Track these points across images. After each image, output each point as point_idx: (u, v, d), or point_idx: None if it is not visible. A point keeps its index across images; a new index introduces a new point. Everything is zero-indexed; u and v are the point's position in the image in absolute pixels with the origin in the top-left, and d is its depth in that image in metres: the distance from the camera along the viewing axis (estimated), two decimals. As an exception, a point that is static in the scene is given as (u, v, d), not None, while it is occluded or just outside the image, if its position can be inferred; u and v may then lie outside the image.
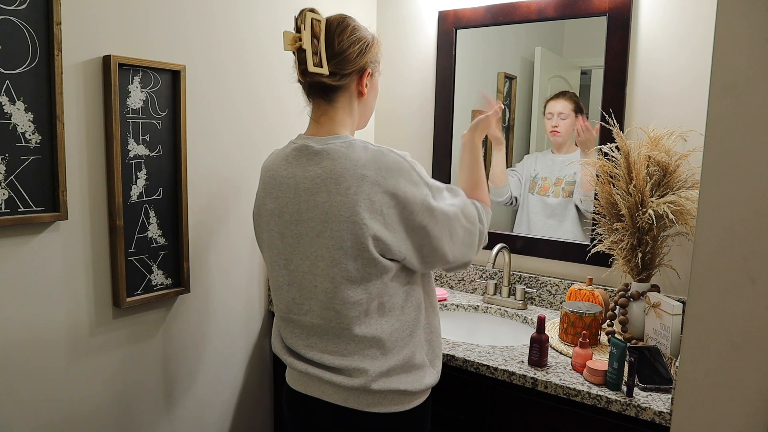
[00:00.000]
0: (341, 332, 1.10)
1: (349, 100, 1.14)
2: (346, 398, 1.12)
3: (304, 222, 1.08)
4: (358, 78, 1.13)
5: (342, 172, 1.03)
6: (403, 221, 1.05)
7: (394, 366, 1.11)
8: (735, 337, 0.87)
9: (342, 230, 1.03)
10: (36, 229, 1.25)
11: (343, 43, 1.08)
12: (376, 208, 1.02)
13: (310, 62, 1.05)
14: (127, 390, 1.47)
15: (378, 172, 1.02)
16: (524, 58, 1.96)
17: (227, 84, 1.64)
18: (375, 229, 1.02)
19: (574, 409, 1.29)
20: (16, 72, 1.17)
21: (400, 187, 1.03)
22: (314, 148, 1.08)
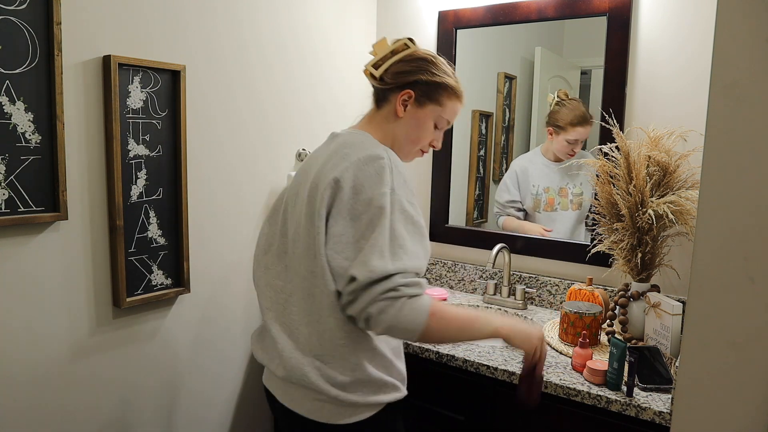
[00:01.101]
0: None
1: (389, 114, 1.19)
2: (291, 400, 1.13)
3: (299, 194, 1.14)
4: (397, 93, 1.17)
5: (333, 149, 1.12)
6: (348, 206, 1.03)
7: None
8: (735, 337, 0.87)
9: (312, 199, 1.08)
10: (36, 229, 1.25)
11: (403, 62, 1.17)
12: (334, 184, 1.04)
13: (370, 62, 1.19)
14: (127, 390, 1.47)
15: (356, 154, 1.07)
16: (524, 58, 1.96)
17: (227, 84, 1.64)
18: (328, 205, 1.05)
19: (574, 409, 1.29)
20: (16, 72, 1.17)
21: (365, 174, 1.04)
22: (335, 132, 1.22)
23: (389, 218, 1.01)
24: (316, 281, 1.06)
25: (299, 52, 1.86)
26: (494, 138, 2.04)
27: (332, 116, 2.03)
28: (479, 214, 2.09)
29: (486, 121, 2.04)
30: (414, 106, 1.17)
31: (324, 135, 1.98)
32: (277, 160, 1.83)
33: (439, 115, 1.20)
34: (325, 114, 2.00)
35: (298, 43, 1.85)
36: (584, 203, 1.84)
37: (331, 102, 2.02)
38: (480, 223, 2.09)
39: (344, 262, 1.02)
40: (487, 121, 2.04)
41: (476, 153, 2.07)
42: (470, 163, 2.08)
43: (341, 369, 1.07)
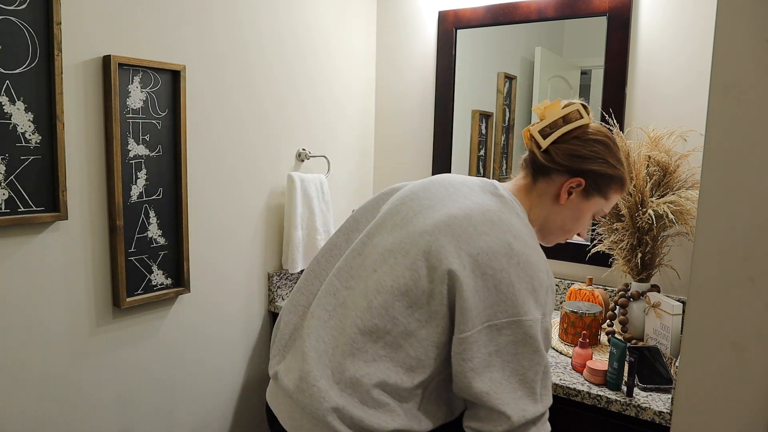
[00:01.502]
0: None
1: (547, 193, 1.03)
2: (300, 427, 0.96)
3: (419, 218, 0.98)
4: (565, 178, 1.01)
5: (487, 213, 0.95)
6: (485, 306, 0.88)
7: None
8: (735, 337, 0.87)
9: (442, 254, 0.91)
10: (36, 229, 1.25)
11: (577, 139, 1.01)
12: (473, 263, 0.90)
13: (539, 126, 1.02)
14: (127, 390, 1.47)
15: (512, 242, 0.91)
16: (524, 58, 1.96)
17: (227, 84, 1.64)
18: (464, 279, 0.89)
19: (574, 409, 1.29)
20: (16, 72, 1.17)
21: (514, 280, 0.89)
22: (499, 191, 1.02)
23: (543, 352, 0.89)
24: (396, 333, 0.92)
25: (299, 52, 1.86)
26: (494, 138, 2.04)
27: (332, 116, 2.03)
28: (479, 214, 2.09)
29: (486, 121, 2.04)
30: (579, 195, 1.03)
31: (324, 134, 1.99)
32: (277, 160, 1.83)
33: (601, 207, 1.07)
34: (325, 114, 2.00)
35: (298, 43, 1.85)
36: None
37: (331, 102, 2.02)
38: (480, 223, 2.09)
39: (465, 365, 0.88)
40: (487, 121, 2.04)
41: (476, 153, 2.07)
42: (470, 163, 2.08)
43: (383, 417, 0.91)
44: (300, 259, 1.82)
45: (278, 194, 1.85)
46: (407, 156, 2.17)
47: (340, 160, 2.09)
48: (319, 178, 1.88)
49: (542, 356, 0.90)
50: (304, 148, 1.92)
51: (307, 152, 1.92)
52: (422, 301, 0.91)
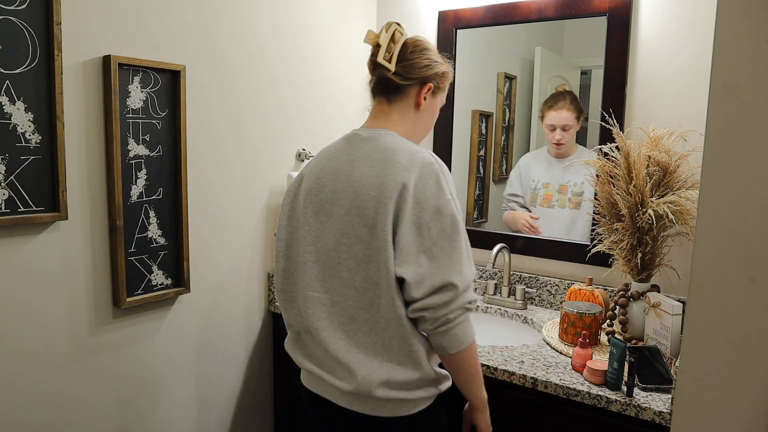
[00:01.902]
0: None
1: (407, 107, 1.19)
2: (351, 402, 1.12)
3: (337, 201, 1.12)
4: (419, 88, 1.18)
5: (376, 156, 1.10)
6: (413, 216, 1.06)
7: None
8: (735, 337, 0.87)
9: (368, 209, 1.07)
10: (36, 229, 1.25)
11: (414, 53, 1.17)
12: (398, 193, 1.05)
13: (381, 55, 1.15)
14: (127, 390, 1.47)
15: (411, 163, 1.07)
16: (524, 58, 1.96)
17: (227, 84, 1.64)
18: (393, 214, 1.05)
19: (574, 409, 1.29)
20: (16, 72, 1.17)
21: (424, 182, 1.06)
22: (362, 135, 1.16)
23: (462, 226, 1.08)
24: (380, 292, 1.08)
25: (299, 52, 1.86)
26: (494, 138, 2.04)
27: (332, 116, 2.03)
28: (479, 214, 2.09)
29: (486, 121, 2.04)
30: (430, 97, 1.21)
31: (324, 134, 1.99)
32: (277, 160, 1.83)
33: (442, 99, 1.26)
34: (325, 114, 2.00)
35: (298, 42, 1.85)
36: (583, 204, 1.83)
37: (331, 102, 2.02)
38: (480, 223, 2.09)
39: (418, 270, 1.04)
40: (487, 121, 2.04)
41: (476, 153, 2.06)
42: (470, 163, 2.08)
43: (410, 372, 1.10)
44: (300, 259, 1.82)
45: (278, 194, 1.85)
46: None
47: (340, 160, 2.09)
48: (319, 178, 1.87)
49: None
50: (304, 148, 1.92)
51: (307, 152, 1.92)
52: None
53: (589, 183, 1.75)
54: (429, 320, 1.06)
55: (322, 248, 1.14)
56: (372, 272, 1.08)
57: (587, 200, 1.80)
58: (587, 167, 1.72)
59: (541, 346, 1.53)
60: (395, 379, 1.09)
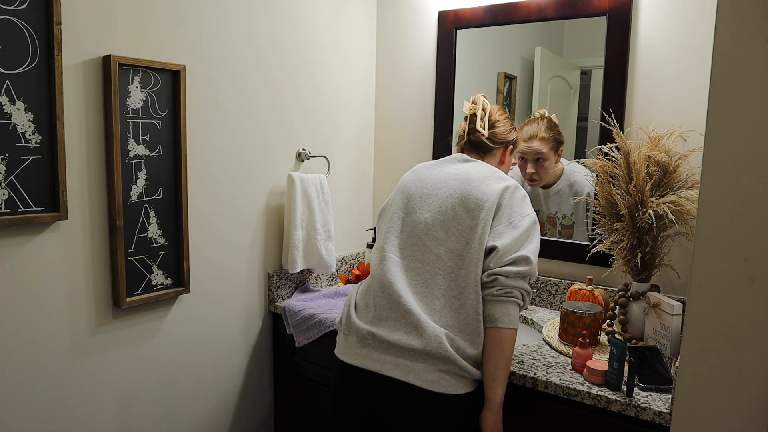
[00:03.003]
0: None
1: (493, 162, 1.46)
2: (407, 374, 1.20)
3: (440, 188, 1.34)
4: (504, 149, 1.48)
5: (483, 170, 1.35)
6: (507, 215, 1.28)
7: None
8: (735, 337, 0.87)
9: (472, 196, 1.30)
10: (36, 229, 1.25)
11: (499, 123, 1.47)
12: (497, 198, 1.28)
13: (479, 124, 1.44)
14: (127, 390, 1.47)
15: (506, 180, 1.34)
16: (524, 58, 1.96)
17: (227, 84, 1.64)
18: (494, 210, 1.28)
19: (574, 409, 1.29)
20: (16, 72, 1.17)
21: (513, 197, 1.32)
22: (467, 158, 1.43)
23: (537, 232, 1.30)
24: (464, 263, 1.24)
25: (299, 52, 1.86)
26: (494, 138, 2.04)
27: (332, 116, 2.03)
28: (479, 214, 2.09)
29: (486, 121, 2.04)
30: (509, 155, 1.50)
31: (324, 134, 2.00)
32: (277, 160, 1.83)
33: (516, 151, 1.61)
34: (325, 114, 2.00)
35: (299, 43, 1.85)
36: (574, 235, 1.80)
37: (331, 102, 2.02)
38: (480, 223, 2.09)
39: (508, 244, 1.23)
40: (487, 121, 2.04)
41: (476, 153, 2.06)
42: (470, 163, 2.08)
43: (470, 342, 1.21)
44: (300, 259, 1.82)
45: (278, 194, 1.85)
46: (407, 156, 2.17)
47: (340, 160, 2.09)
48: (319, 178, 1.88)
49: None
50: (304, 148, 1.92)
51: (307, 152, 1.92)
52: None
53: (581, 208, 1.73)
54: (498, 284, 1.21)
55: (411, 221, 1.33)
56: (460, 245, 1.26)
57: (581, 231, 1.75)
58: (576, 195, 1.69)
59: (541, 346, 1.53)
60: (457, 344, 1.20)
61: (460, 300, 1.23)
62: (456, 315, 1.22)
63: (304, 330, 1.73)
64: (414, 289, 1.26)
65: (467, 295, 1.22)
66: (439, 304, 1.23)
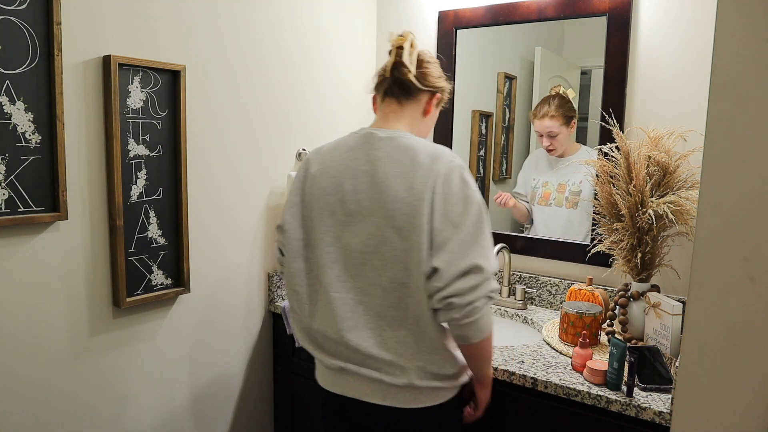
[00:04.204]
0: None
1: (416, 112, 1.23)
2: (385, 396, 1.15)
3: (361, 201, 1.13)
4: (430, 96, 1.23)
5: (399, 157, 1.11)
6: (445, 211, 1.08)
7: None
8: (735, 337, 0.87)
9: (396, 210, 1.09)
10: (36, 229, 1.25)
11: (430, 64, 1.23)
12: (428, 195, 1.07)
13: (405, 56, 1.17)
14: (127, 390, 1.47)
15: (435, 162, 1.10)
16: (524, 58, 1.96)
17: (227, 84, 1.64)
18: (426, 215, 1.07)
19: (574, 409, 1.29)
20: (16, 72, 1.17)
21: (450, 179, 1.09)
22: (379, 134, 1.16)
23: (486, 215, 1.13)
24: (409, 292, 1.10)
25: (299, 52, 1.86)
26: (494, 138, 2.04)
27: (332, 116, 2.03)
28: (479, 214, 2.09)
29: (486, 121, 2.04)
30: (435, 107, 1.26)
31: (324, 134, 1.99)
32: (277, 160, 1.83)
33: (437, 113, 1.30)
34: (325, 113, 2.00)
35: (299, 42, 1.85)
36: (580, 203, 1.83)
37: (331, 101, 2.02)
38: (480, 223, 2.09)
39: (449, 256, 1.06)
40: (487, 121, 2.04)
41: (476, 153, 2.07)
42: (470, 163, 2.08)
43: (445, 363, 1.15)
44: (300, 259, 1.82)
45: (278, 194, 1.85)
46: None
47: (340, 160, 2.09)
48: (319, 178, 1.87)
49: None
50: (304, 148, 1.92)
51: (307, 152, 1.92)
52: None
53: (588, 182, 1.76)
54: (456, 307, 1.06)
55: (343, 249, 1.14)
56: (399, 273, 1.10)
57: (585, 200, 1.80)
58: (587, 167, 1.72)
59: (541, 346, 1.53)
60: (430, 370, 1.13)
61: (419, 327, 1.12)
62: (419, 342, 1.12)
63: (304, 330, 1.73)
64: (368, 326, 1.13)
65: (423, 324, 1.11)
66: (399, 335, 1.12)
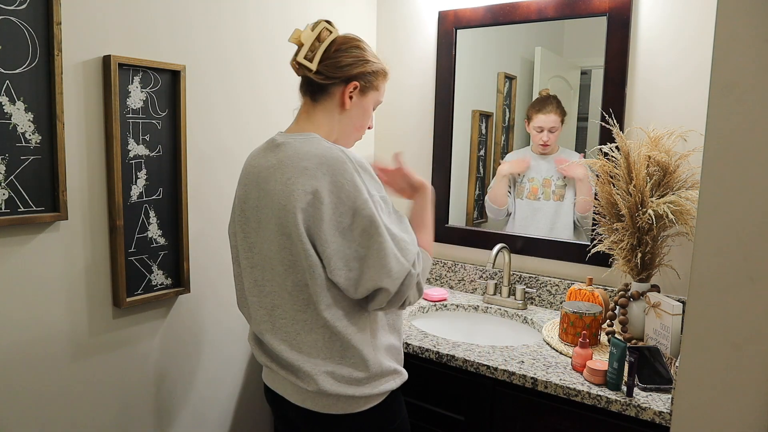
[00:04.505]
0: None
1: (332, 107, 1.17)
2: (304, 400, 1.14)
3: (261, 209, 1.11)
4: (343, 87, 1.15)
5: (287, 162, 1.07)
6: (334, 221, 1.03)
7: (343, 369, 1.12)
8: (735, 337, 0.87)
9: (282, 218, 1.06)
10: (36, 229, 1.25)
11: (339, 52, 1.15)
12: (308, 201, 1.03)
13: (301, 54, 1.13)
14: (127, 390, 1.47)
15: (319, 168, 1.03)
16: (524, 58, 1.96)
17: (227, 84, 1.64)
18: (305, 222, 1.04)
19: (574, 409, 1.29)
20: (16, 72, 1.17)
21: (338, 185, 1.03)
22: (277, 140, 1.14)
23: (382, 223, 1.04)
24: (312, 294, 1.08)
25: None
26: (494, 138, 2.04)
27: (332, 116, 2.03)
28: (479, 214, 2.09)
29: (486, 121, 2.04)
30: (358, 96, 1.18)
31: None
32: (277, 160, 1.83)
33: (377, 99, 1.23)
34: (325, 114, 2.00)
35: (298, 43, 1.85)
36: (566, 196, 1.89)
37: (331, 102, 2.02)
38: (480, 223, 2.09)
39: (351, 274, 1.05)
40: (487, 121, 2.04)
41: (476, 153, 2.07)
42: (470, 163, 2.08)
43: (354, 369, 1.11)
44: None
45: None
46: (407, 156, 2.16)
47: (340, 160, 2.09)
48: (319, 178, 1.87)
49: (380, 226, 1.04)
50: (304, 148, 1.92)
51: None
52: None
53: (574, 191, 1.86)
54: (389, 310, 1.15)
55: (257, 254, 1.14)
56: (299, 276, 1.08)
57: (571, 195, 1.88)
58: (563, 164, 1.85)
59: (541, 346, 1.53)
60: (340, 374, 1.10)
61: (329, 330, 1.09)
62: (330, 346, 1.10)
63: (303, 330, 1.73)
64: (284, 330, 1.12)
65: (332, 327, 1.09)
66: (311, 339, 1.10)
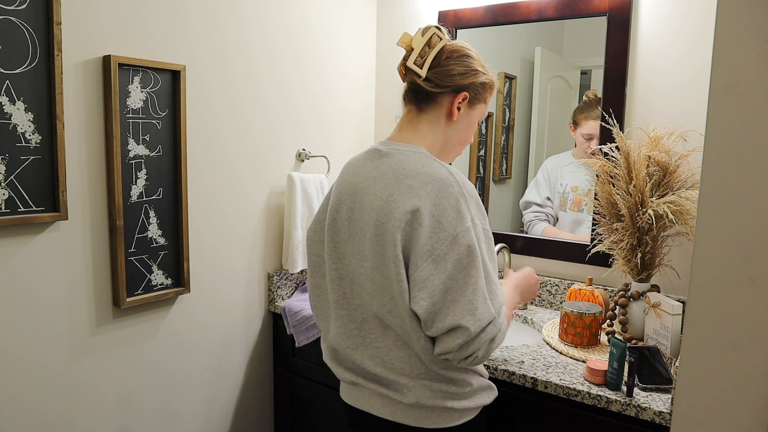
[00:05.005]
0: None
1: (437, 117, 1.11)
2: (394, 413, 1.09)
3: (354, 221, 1.07)
4: (452, 96, 1.10)
5: (390, 177, 1.02)
6: (429, 245, 0.98)
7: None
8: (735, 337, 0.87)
9: (379, 236, 1.01)
10: (36, 229, 1.25)
11: (450, 60, 1.09)
12: (407, 221, 0.98)
13: (412, 59, 1.08)
14: (127, 390, 1.47)
15: (424, 187, 0.99)
16: (524, 58, 1.96)
17: (227, 84, 1.64)
18: (403, 242, 0.99)
19: (574, 409, 1.29)
20: (16, 72, 1.17)
21: (441, 208, 0.99)
22: (381, 151, 1.09)
23: (480, 256, 0.99)
24: (394, 320, 1.04)
25: (299, 53, 1.86)
26: (494, 138, 2.04)
27: (332, 116, 2.03)
28: (479, 214, 2.09)
29: (486, 121, 2.04)
30: (466, 107, 1.13)
31: (324, 135, 2.00)
32: (278, 160, 1.83)
33: (483, 112, 1.17)
34: (325, 113, 2.00)
35: (298, 43, 1.85)
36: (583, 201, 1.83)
37: (332, 102, 2.02)
38: (480, 223, 2.09)
39: (432, 307, 0.98)
40: (487, 121, 2.04)
41: (476, 153, 2.07)
42: (470, 163, 2.08)
43: (453, 381, 1.08)
44: (300, 259, 1.82)
45: (278, 194, 1.85)
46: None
47: (340, 160, 2.09)
48: (319, 178, 1.88)
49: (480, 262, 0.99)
50: (304, 148, 1.92)
51: (307, 152, 1.92)
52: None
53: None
54: (456, 361, 1.01)
55: (346, 266, 1.10)
56: (386, 300, 1.03)
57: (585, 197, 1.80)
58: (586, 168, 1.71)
59: (541, 346, 1.53)
60: (438, 387, 1.07)
61: (416, 350, 1.06)
62: (422, 362, 1.06)
63: (304, 330, 1.73)
64: (374, 344, 1.09)
65: (418, 352, 1.05)
66: (404, 354, 1.07)
